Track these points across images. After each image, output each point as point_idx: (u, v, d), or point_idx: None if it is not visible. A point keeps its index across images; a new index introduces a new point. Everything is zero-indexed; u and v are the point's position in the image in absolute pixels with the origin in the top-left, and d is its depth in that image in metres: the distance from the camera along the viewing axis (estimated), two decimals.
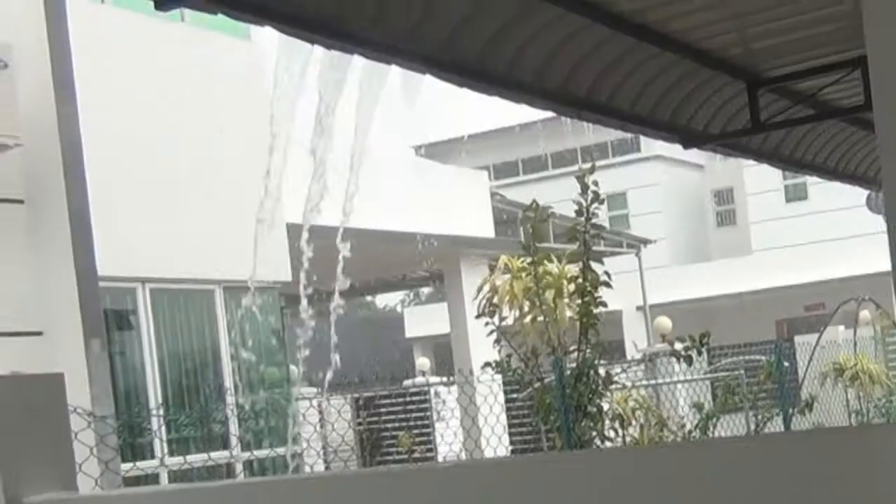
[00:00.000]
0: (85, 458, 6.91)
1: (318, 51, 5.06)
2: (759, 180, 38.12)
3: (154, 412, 11.84)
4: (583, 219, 8.90)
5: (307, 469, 13.02)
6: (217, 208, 13.11)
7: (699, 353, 8.92)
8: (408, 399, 22.17)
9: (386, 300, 49.26)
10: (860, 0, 1.47)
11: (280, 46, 4.67)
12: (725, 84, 7.61)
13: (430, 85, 5.70)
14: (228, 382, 13.23)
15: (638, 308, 32.74)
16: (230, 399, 13.16)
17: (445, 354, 26.57)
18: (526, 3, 5.44)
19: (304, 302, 12.44)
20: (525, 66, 5.99)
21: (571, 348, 9.13)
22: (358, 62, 5.30)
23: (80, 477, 5.78)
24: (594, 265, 9.05)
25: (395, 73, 5.49)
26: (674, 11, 6.10)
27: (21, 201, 10.20)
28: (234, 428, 12.95)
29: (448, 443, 17.10)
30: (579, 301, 8.99)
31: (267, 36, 4.60)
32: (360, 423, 21.28)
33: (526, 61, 5.97)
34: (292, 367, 14.47)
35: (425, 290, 42.56)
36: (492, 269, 13.20)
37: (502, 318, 9.18)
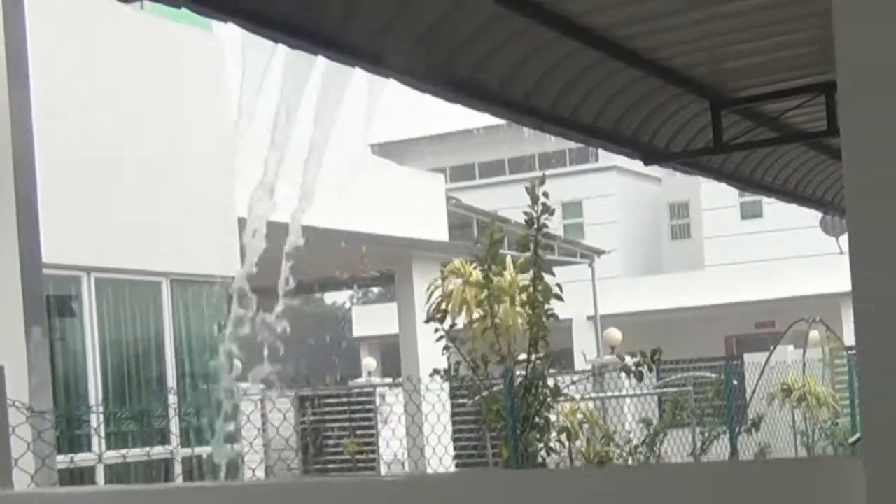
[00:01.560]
0: (22, 453, 6.83)
1: (283, 47, 5.03)
2: (715, 196, 38.40)
3: (93, 407, 11.74)
4: (532, 231, 8.91)
5: (247, 470, 12.97)
6: (169, 200, 13.02)
7: (650, 370, 8.95)
8: (353, 400, 22.12)
9: (335, 297, 49.13)
10: (829, 26, 1.48)
11: (244, 40, 4.63)
12: (690, 102, 7.65)
13: (394, 83, 5.68)
14: (171, 376, 13.14)
15: (588, 318, 32.87)
16: (171, 393, 13.07)
17: (393, 355, 26.54)
18: (494, 13, 5.44)
19: (251, 296, 12.39)
20: (490, 75, 5.99)
21: (521, 358, 9.14)
22: (322, 59, 5.27)
23: (14, 472, 5.71)
24: (547, 276, 9.06)
25: (359, 69, 5.47)
26: (643, 29, 6.12)
27: None
28: (174, 423, 12.86)
29: (393, 449, 17.05)
30: (530, 311, 9.00)
31: (230, 28, 4.57)
32: (303, 423, 21.20)
33: (491, 70, 5.96)
34: (236, 362, 14.40)
35: (375, 289, 42.50)
36: (444, 273, 13.19)
37: (453, 325, 9.15)
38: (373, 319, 40.01)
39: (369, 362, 31.08)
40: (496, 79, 6.06)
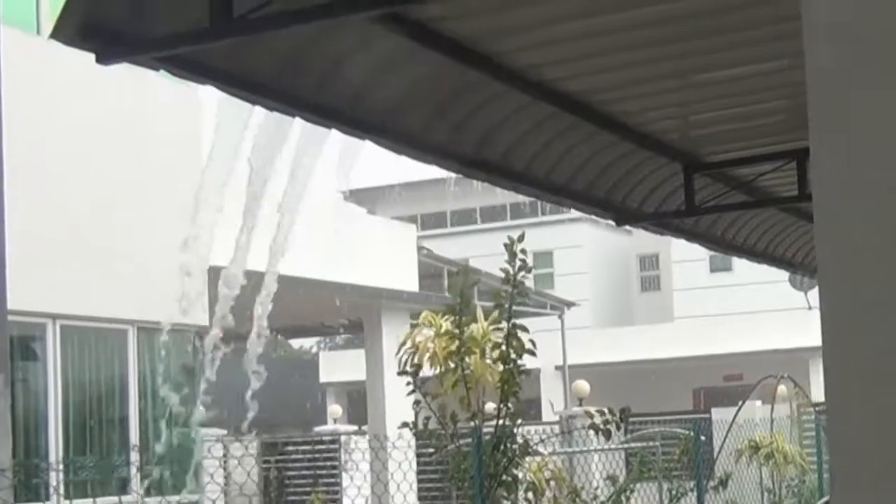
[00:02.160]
0: None
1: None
2: (684, 249, 38.56)
3: (52, 463, 11.66)
4: (508, 287, 8.93)
5: None
6: (136, 248, 13.02)
7: (618, 428, 8.97)
8: (318, 448, 22.06)
9: (302, 341, 48.98)
10: (800, 96, 1.55)
11: (220, 94, 4.67)
12: (662, 165, 7.74)
13: None
14: (133, 423, 13.07)
15: (557, 367, 32.90)
16: (133, 440, 13.00)
17: (359, 401, 26.47)
18: (467, 79, 5.50)
19: (216, 344, 12.36)
20: (465, 139, 6.05)
21: (490, 410, 9.16)
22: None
23: None
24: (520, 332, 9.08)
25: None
26: (618, 95, 6.20)
27: None
28: (134, 472, 12.79)
29: (352, 498, 16.97)
30: (501, 367, 9.02)
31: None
32: (265, 471, 21.08)
33: (466, 135, 6.02)
34: (200, 408, 14.35)
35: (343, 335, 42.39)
36: (413, 324, 13.20)
37: (422, 381, 9.14)
38: (340, 365, 39.91)
39: (335, 409, 30.98)
40: (472, 142, 6.12)
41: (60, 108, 12.28)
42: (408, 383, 9.13)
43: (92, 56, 4.19)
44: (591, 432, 9.18)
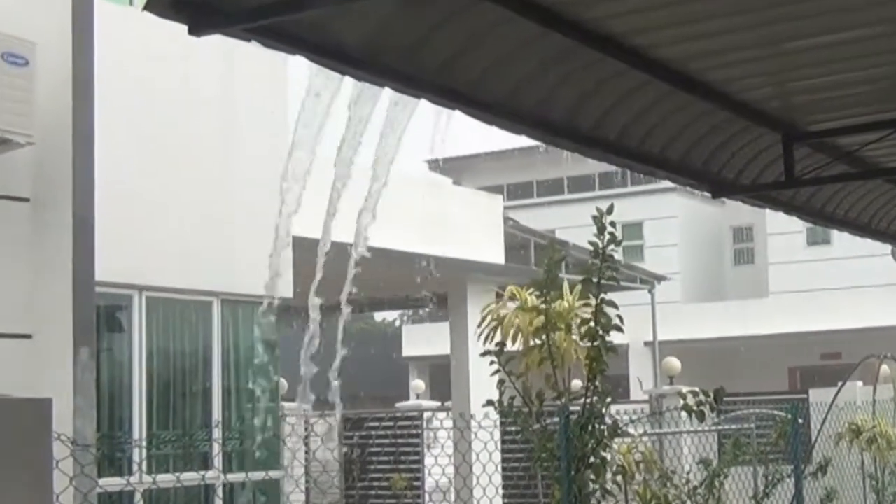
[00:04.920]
0: (64, 488, 6.89)
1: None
2: (780, 220, 38.19)
3: (136, 437, 11.88)
4: (597, 260, 8.87)
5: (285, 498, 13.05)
6: (223, 219, 13.19)
7: (712, 410, 8.91)
8: (399, 425, 22.21)
9: (384, 314, 49.34)
10: None
11: (311, 66, 4.73)
12: (760, 135, 7.66)
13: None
14: (216, 397, 13.26)
15: (646, 343, 32.77)
16: (216, 415, 13.19)
17: (442, 376, 26.60)
18: (558, 46, 5.49)
19: (304, 315, 12.47)
20: (555, 107, 6.04)
21: (577, 387, 9.14)
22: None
23: None
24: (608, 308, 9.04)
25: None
26: (714, 62, 6.15)
27: (27, 199, 10.25)
28: (216, 448, 12.97)
29: (435, 477, 17.07)
30: (588, 344, 8.98)
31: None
32: (346, 448, 21.26)
33: (557, 103, 6.01)
34: (282, 381, 14.51)
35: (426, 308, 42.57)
36: (499, 296, 13.23)
37: (507, 358, 9.12)
38: (423, 339, 40.12)
39: (418, 384, 31.24)
40: (561, 111, 6.11)
41: (152, 81, 12.47)
42: (492, 362, 9.12)
43: (184, 28, 4.26)
44: (683, 413, 9.13)
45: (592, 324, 8.70)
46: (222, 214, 13.22)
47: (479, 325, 13.07)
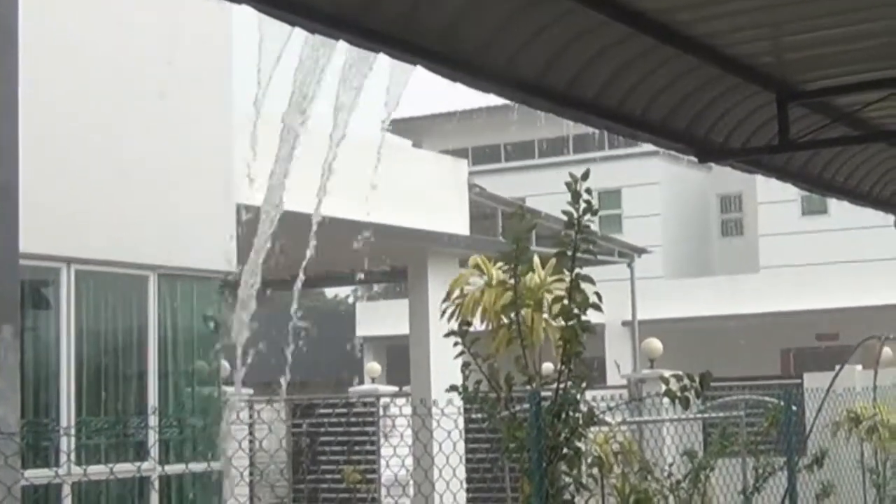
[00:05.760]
0: None
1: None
2: (772, 188, 38.32)
3: (64, 425, 11.85)
4: (571, 231, 8.86)
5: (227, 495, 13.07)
6: (160, 187, 13.15)
7: (697, 396, 8.95)
8: (353, 412, 22.25)
9: (336, 290, 49.34)
10: None
11: (258, 20, 4.71)
12: (752, 94, 7.69)
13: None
14: (152, 381, 13.24)
15: (624, 323, 32.94)
16: (152, 400, 13.18)
17: (400, 358, 26.60)
18: None
19: (245, 293, 12.46)
20: (527, 63, 6.05)
21: (549, 374, 9.16)
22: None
23: None
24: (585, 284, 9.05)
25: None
26: (703, 13, 6.16)
27: None
28: (153, 436, 12.97)
29: (393, 470, 17.11)
30: (562, 323, 8.99)
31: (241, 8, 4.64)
32: (296, 437, 21.28)
33: (528, 58, 6.02)
34: (224, 363, 14.51)
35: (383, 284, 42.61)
36: (463, 270, 13.26)
37: (472, 339, 9.13)
38: (379, 317, 40.14)
39: (373, 367, 31.25)
40: (534, 67, 6.11)
41: (89, 41, 12.41)
42: (455, 343, 9.11)
43: None
44: (665, 399, 9.16)
45: (566, 301, 8.70)
46: (161, 181, 13.17)
47: (444, 302, 13.09)
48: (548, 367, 9.95)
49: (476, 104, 41.05)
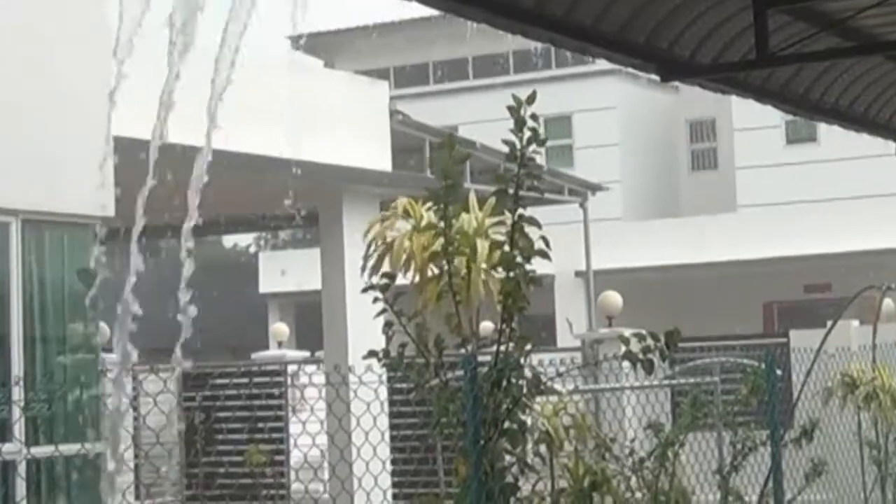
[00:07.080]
0: None
1: None
2: (751, 112, 38.56)
3: None
4: (513, 165, 8.87)
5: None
6: (25, 117, 13.07)
7: (663, 359, 9.00)
8: (256, 381, 22.28)
9: (235, 239, 49.27)
10: None
11: None
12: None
13: None
14: (17, 346, 13.21)
15: (577, 274, 33.14)
16: (16, 370, 13.14)
17: (311, 318, 26.63)
18: None
19: (129, 241, 12.39)
20: None
21: (488, 335, 9.20)
22: None
23: None
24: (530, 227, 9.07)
25: None
26: None
27: None
28: (17, 413, 12.91)
29: (302, 449, 17.14)
30: (503, 274, 9.01)
31: None
32: (188, 412, 21.26)
33: None
34: (103, 326, 14.46)
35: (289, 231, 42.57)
36: (385, 216, 13.23)
37: (397, 294, 9.15)
38: (286, 270, 40.09)
39: (280, 329, 31.32)
40: None
41: None
42: (376, 299, 9.13)
43: None
44: (626, 364, 9.22)
45: (508, 248, 8.72)
46: (23, 110, 13.08)
47: (365, 253, 13.07)
48: (486, 326, 9.95)
49: (398, 16, 40.96)
